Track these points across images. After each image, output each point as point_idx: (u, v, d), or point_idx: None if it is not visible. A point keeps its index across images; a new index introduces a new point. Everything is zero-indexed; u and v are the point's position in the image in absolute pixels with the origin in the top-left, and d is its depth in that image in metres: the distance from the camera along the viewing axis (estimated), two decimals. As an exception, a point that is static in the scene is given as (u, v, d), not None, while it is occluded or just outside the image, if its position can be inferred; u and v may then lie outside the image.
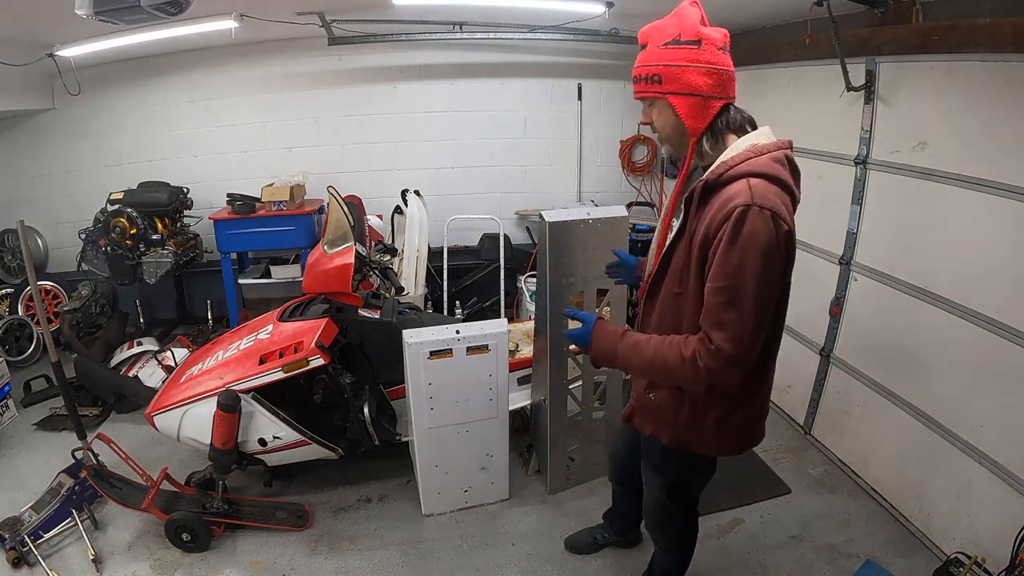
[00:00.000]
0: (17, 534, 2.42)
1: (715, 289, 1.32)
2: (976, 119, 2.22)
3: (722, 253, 1.31)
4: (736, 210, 1.29)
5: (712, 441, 1.59)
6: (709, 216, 1.35)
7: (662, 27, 1.40)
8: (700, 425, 1.56)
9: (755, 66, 3.41)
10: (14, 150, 4.35)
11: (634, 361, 1.47)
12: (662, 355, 1.41)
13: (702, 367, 1.34)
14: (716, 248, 1.32)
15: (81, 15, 2.16)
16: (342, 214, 2.72)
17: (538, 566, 2.43)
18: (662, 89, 1.39)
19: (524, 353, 2.94)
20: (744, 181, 1.33)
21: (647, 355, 1.44)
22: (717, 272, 1.32)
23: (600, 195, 4.83)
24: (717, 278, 1.32)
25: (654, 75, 1.39)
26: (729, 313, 1.31)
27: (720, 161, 1.39)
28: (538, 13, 3.82)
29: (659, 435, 1.65)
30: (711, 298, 1.33)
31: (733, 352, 1.31)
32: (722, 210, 1.31)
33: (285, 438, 2.55)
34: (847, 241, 2.86)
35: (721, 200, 1.33)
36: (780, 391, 3.45)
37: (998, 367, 2.16)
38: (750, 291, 1.29)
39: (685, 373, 1.38)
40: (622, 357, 1.49)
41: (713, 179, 1.37)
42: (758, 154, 1.37)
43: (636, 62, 1.44)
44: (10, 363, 3.76)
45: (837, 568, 2.38)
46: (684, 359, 1.36)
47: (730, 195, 1.32)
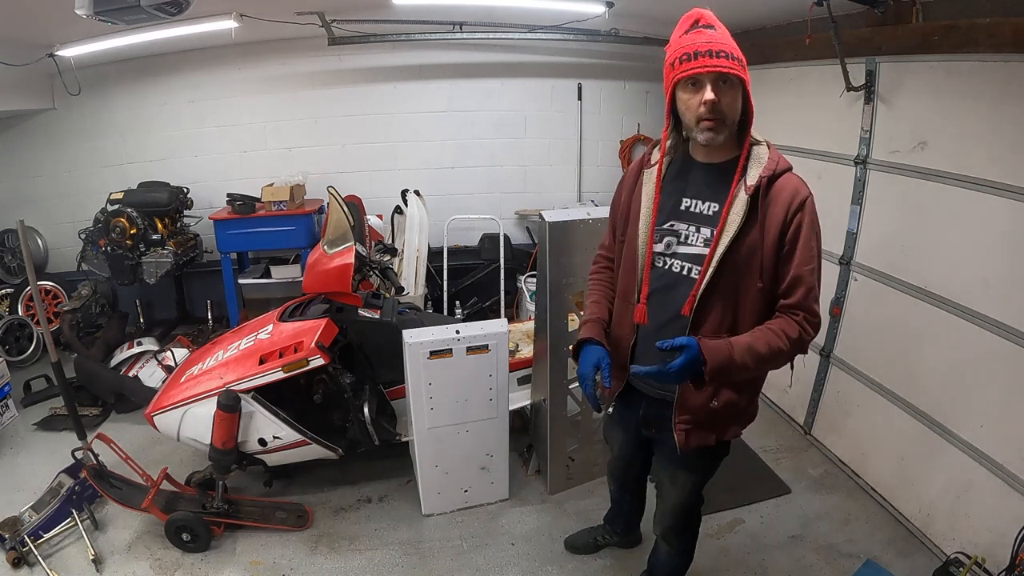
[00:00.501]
0: (17, 534, 2.42)
1: (811, 270, 1.46)
2: (976, 119, 2.23)
3: (806, 237, 1.44)
4: (807, 199, 1.46)
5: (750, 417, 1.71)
6: (779, 206, 1.44)
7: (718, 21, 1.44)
8: (751, 405, 1.69)
9: (755, 66, 3.36)
10: (14, 150, 4.35)
11: (750, 363, 1.43)
12: (776, 346, 1.45)
13: (808, 340, 1.48)
14: (796, 235, 1.44)
15: (81, 15, 2.16)
16: (342, 214, 2.72)
17: (538, 566, 2.43)
18: (747, 75, 1.42)
19: (524, 353, 2.94)
20: (793, 175, 1.49)
21: (763, 352, 1.44)
22: (806, 255, 1.45)
23: (600, 195, 4.83)
24: (807, 261, 1.45)
25: (741, 58, 1.41)
26: (816, 287, 1.48)
27: (767, 157, 1.48)
28: (538, 13, 3.83)
29: (725, 435, 1.65)
30: (810, 278, 1.46)
31: (817, 321, 1.49)
32: (793, 201, 1.44)
33: (285, 438, 2.55)
34: (847, 241, 2.86)
35: (787, 192, 1.45)
36: (780, 391, 3.45)
37: (998, 367, 2.16)
38: (820, 265, 1.50)
39: (793, 353, 1.48)
40: (740, 364, 1.42)
41: (770, 174, 1.45)
42: (776, 150, 1.51)
43: (707, 37, 1.38)
44: (10, 363, 3.75)
45: (837, 568, 2.38)
46: (792, 340, 1.45)
47: (795, 186, 1.46)
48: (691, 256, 1.52)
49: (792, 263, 1.45)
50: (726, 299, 1.49)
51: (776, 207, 1.44)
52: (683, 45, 1.39)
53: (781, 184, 1.46)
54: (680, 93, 1.44)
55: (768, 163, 1.46)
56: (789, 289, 1.46)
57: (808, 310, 1.47)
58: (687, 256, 1.53)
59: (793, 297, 1.46)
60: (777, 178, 1.46)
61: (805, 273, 1.45)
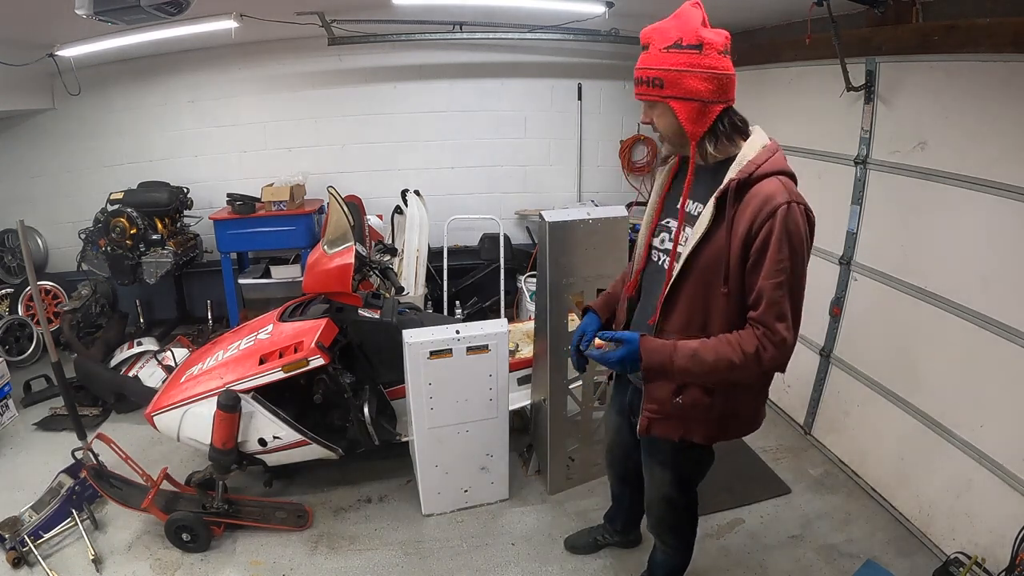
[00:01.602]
0: (17, 534, 2.42)
1: (774, 284, 1.38)
2: (976, 119, 2.22)
3: (775, 249, 1.36)
4: (780, 208, 1.35)
5: (746, 425, 1.67)
6: (749, 213, 1.38)
7: (664, 29, 1.41)
8: (736, 413, 1.62)
9: (755, 66, 3.41)
10: (14, 150, 4.35)
11: (693, 369, 1.46)
12: (725, 357, 1.42)
13: (767, 358, 1.40)
14: (764, 245, 1.37)
15: (81, 15, 2.16)
16: (342, 214, 2.72)
17: (538, 566, 2.43)
18: (663, 93, 1.41)
19: (524, 353, 2.94)
20: (775, 179, 1.39)
21: (708, 360, 1.44)
22: (772, 268, 1.37)
23: (600, 195, 4.84)
24: (773, 274, 1.37)
25: (655, 79, 1.41)
26: (787, 304, 1.39)
27: (746, 160, 1.42)
28: (538, 13, 3.82)
29: (691, 435, 1.64)
30: (772, 292, 1.38)
31: (793, 340, 1.41)
32: (764, 208, 1.36)
33: (285, 438, 2.55)
34: (847, 241, 2.86)
35: (760, 198, 1.38)
36: (780, 391, 3.45)
37: (998, 367, 2.16)
38: (799, 281, 1.40)
39: (748, 368, 1.42)
40: (680, 368, 1.47)
41: (744, 177, 1.40)
42: (772, 152, 1.42)
43: (638, 63, 1.45)
44: (10, 363, 3.75)
45: (837, 568, 2.38)
46: (746, 355, 1.40)
47: (769, 193, 1.37)
48: (671, 253, 1.59)
49: (758, 275, 1.39)
50: (695, 299, 1.51)
51: (745, 213, 1.39)
52: None
53: (756, 190, 1.39)
54: None
55: (746, 166, 1.40)
56: (755, 302, 1.41)
57: (768, 326, 1.39)
58: (669, 252, 1.61)
59: (756, 311, 1.41)
60: (754, 183, 1.39)
61: (768, 287, 1.38)
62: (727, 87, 1.41)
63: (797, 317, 1.41)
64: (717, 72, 1.38)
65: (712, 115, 1.42)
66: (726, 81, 1.40)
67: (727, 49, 1.40)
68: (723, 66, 1.39)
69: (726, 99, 1.42)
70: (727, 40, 1.41)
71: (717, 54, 1.38)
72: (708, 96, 1.39)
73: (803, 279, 1.41)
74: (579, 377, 2.68)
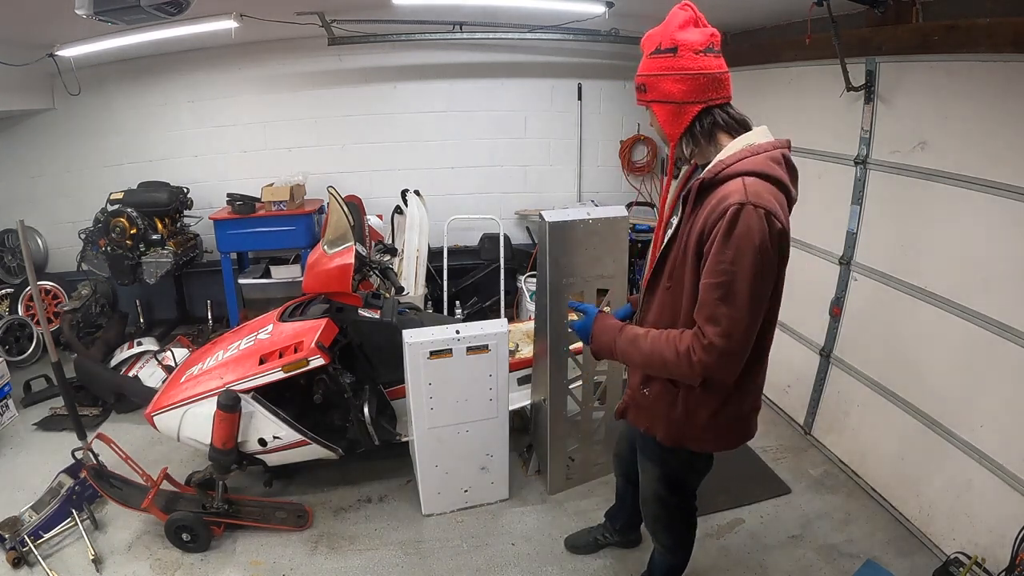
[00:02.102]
0: (17, 534, 2.42)
1: (709, 285, 1.34)
2: (976, 119, 2.22)
3: (716, 250, 1.32)
4: (730, 208, 1.30)
5: (705, 437, 1.61)
6: (704, 213, 1.37)
7: (651, 35, 1.45)
8: (692, 421, 1.57)
9: (755, 66, 3.41)
10: (14, 150, 4.35)
11: (632, 354, 1.52)
12: (659, 349, 1.45)
13: (696, 361, 1.37)
14: (711, 245, 1.34)
15: (81, 15, 2.16)
16: (342, 214, 2.72)
17: (538, 566, 2.43)
18: (647, 98, 1.47)
19: (524, 353, 2.94)
20: (739, 180, 1.33)
21: (644, 349, 1.48)
22: (711, 268, 1.34)
23: (600, 195, 4.84)
24: (712, 274, 1.34)
25: (641, 84, 1.47)
26: (722, 308, 1.33)
27: (716, 160, 1.40)
28: (538, 13, 3.83)
29: (653, 431, 1.66)
30: (705, 294, 1.36)
31: (725, 346, 1.34)
32: (717, 208, 1.33)
33: (285, 438, 2.55)
34: (847, 241, 2.86)
35: (717, 198, 1.35)
36: (780, 391, 3.45)
37: (998, 367, 2.16)
38: (743, 288, 1.31)
39: (681, 367, 1.41)
40: (620, 350, 1.55)
41: (709, 178, 1.38)
42: (754, 153, 1.37)
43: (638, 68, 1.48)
44: (10, 363, 3.76)
45: (837, 568, 2.38)
46: (679, 353, 1.39)
47: (725, 193, 1.33)
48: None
49: (703, 275, 1.36)
50: (664, 298, 1.55)
51: (702, 213, 1.38)
52: None
53: (718, 190, 1.36)
54: None
55: (713, 166, 1.39)
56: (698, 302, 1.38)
57: (699, 326, 1.36)
58: None
59: (696, 310, 1.38)
60: (719, 184, 1.36)
61: (703, 288, 1.35)
62: (706, 87, 1.38)
63: (738, 324, 1.32)
64: (691, 72, 1.37)
65: (688, 116, 1.41)
66: (703, 80, 1.37)
67: (711, 47, 1.37)
68: (699, 66, 1.36)
69: (705, 99, 1.39)
70: (711, 38, 1.38)
71: (693, 54, 1.36)
72: (681, 97, 1.39)
73: (750, 285, 1.31)
74: (579, 377, 2.68)
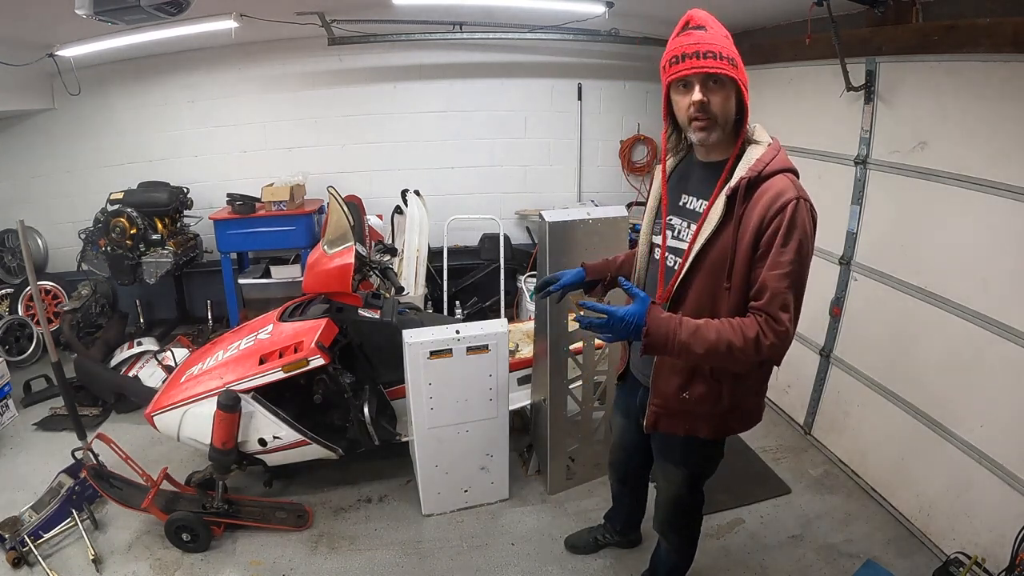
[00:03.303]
0: (17, 534, 2.42)
1: (780, 276, 1.40)
2: (976, 119, 2.23)
3: (780, 243, 1.39)
4: (789, 204, 1.38)
5: (749, 418, 1.69)
6: (759, 209, 1.41)
7: (717, 20, 1.44)
8: (740, 407, 1.64)
9: (755, 66, 3.41)
10: (14, 150, 4.34)
11: (695, 346, 1.42)
12: (725, 338, 1.41)
13: (767, 346, 1.40)
14: (772, 238, 1.40)
15: (81, 15, 2.16)
16: (342, 214, 2.72)
17: (538, 566, 2.43)
18: (738, 73, 1.41)
19: (524, 353, 2.94)
20: (784, 177, 1.43)
21: (710, 339, 1.42)
22: (778, 260, 1.40)
23: (600, 195, 4.83)
24: (780, 266, 1.40)
25: (732, 57, 1.40)
26: (790, 296, 1.40)
27: (754, 159, 1.45)
28: (538, 13, 3.83)
29: (696, 431, 1.66)
30: (776, 284, 1.40)
31: (794, 331, 1.42)
32: (774, 203, 1.39)
33: (285, 438, 2.55)
34: (847, 241, 2.86)
35: (770, 194, 1.41)
36: (780, 391, 3.45)
37: (998, 367, 2.17)
38: (804, 276, 1.43)
39: (747, 353, 1.42)
40: (681, 342, 1.42)
41: (754, 175, 1.42)
42: (777, 151, 1.46)
43: (695, 38, 1.39)
44: (10, 363, 3.75)
45: (837, 568, 2.38)
46: (748, 339, 1.40)
47: (779, 189, 1.40)
48: (679, 250, 1.60)
49: (763, 267, 1.42)
50: (702, 296, 1.53)
51: (755, 210, 1.41)
52: (673, 48, 1.43)
53: (766, 186, 1.42)
54: (673, 95, 1.49)
55: (755, 164, 1.43)
56: (758, 293, 1.43)
57: (771, 313, 1.41)
58: (676, 250, 1.61)
59: (759, 301, 1.42)
60: (764, 180, 1.42)
61: (771, 279, 1.40)
62: None
63: (798, 311, 1.43)
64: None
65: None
66: None
67: None
68: None
69: None
70: None
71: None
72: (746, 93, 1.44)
73: (806, 275, 1.43)
74: (579, 377, 2.68)
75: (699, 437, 1.67)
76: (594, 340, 2.63)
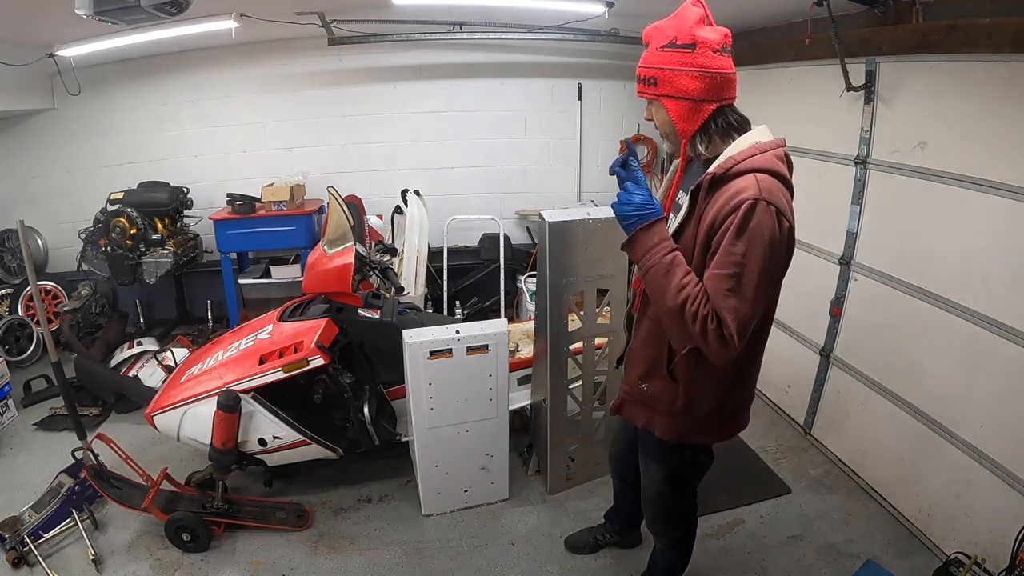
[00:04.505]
0: (17, 534, 2.42)
1: (719, 276, 1.35)
2: (976, 119, 2.22)
3: (728, 243, 1.34)
4: (744, 203, 1.32)
5: (706, 428, 1.65)
6: (716, 207, 1.38)
7: (662, 28, 1.42)
8: (693, 413, 1.59)
9: (755, 66, 3.41)
10: (14, 150, 4.35)
11: (659, 273, 1.40)
12: (688, 291, 1.36)
13: (712, 331, 1.33)
14: (721, 237, 1.35)
15: (81, 15, 2.16)
16: (342, 214, 2.72)
17: (538, 566, 2.43)
18: (657, 91, 1.43)
19: (524, 353, 2.94)
20: (752, 176, 1.36)
21: (677, 277, 1.37)
22: (722, 260, 1.35)
23: (600, 195, 4.83)
24: (722, 266, 1.34)
25: (650, 77, 1.43)
26: (730, 300, 1.33)
27: (727, 156, 1.41)
28: (538, 13, 3.82)
29: (651, 426, 1.67)
30: (715, 283, 1.35)
31: (739, 341, 1.34)
32: (730, 202, 1.34)
33: (285, 438, 2.55)
34: (847, 241, 2.86)
35: (729, 192, 1.36)
36: (780, 391, 3.45)
37: (998, 366, 2.16)
38: (751, 281, 1.33)
39: (690, 323, 1.35)
40: (655, 260, 1.41)
41: (720, 172, 1.39)
42: (762, 151, 1.40)
43: (639, 61, 1.46)
44: (10, 363, 3.75)
45: (837, 568, 2.38)
46: (700, 316, 1.34)
47: (739, 188, 1.35)
48: None
49: (712, 266, 1.37)
50: None
51: (714, 207, 1.38)
52: None
53: (729, 185, 1.37)
54: None
55: (725, 161, 1.40)
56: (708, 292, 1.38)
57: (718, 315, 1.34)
58: None
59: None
60: (731, 178, 1.38)
61: (712, 278, 1.35)
62: (721, 86, 1.40)
63: (742, 316, 1.33)
64: (710, 71, 1.38)
65: (704, 114, 1.42)
66: (720, 80, 1.39)
67: (725, 47, 1.39)
68: (717, 64, 1.38)
69: (720, 98, 1.41)
70: (725, 38, 1.40)
71: (712, 52, 1.37)
72: (699, 95, 1.40)
73: (757, 278, 1.33)
74: (579, 377, 2.68)
75: (655, 433, 1.67)
76: (594, 340, 2.63)
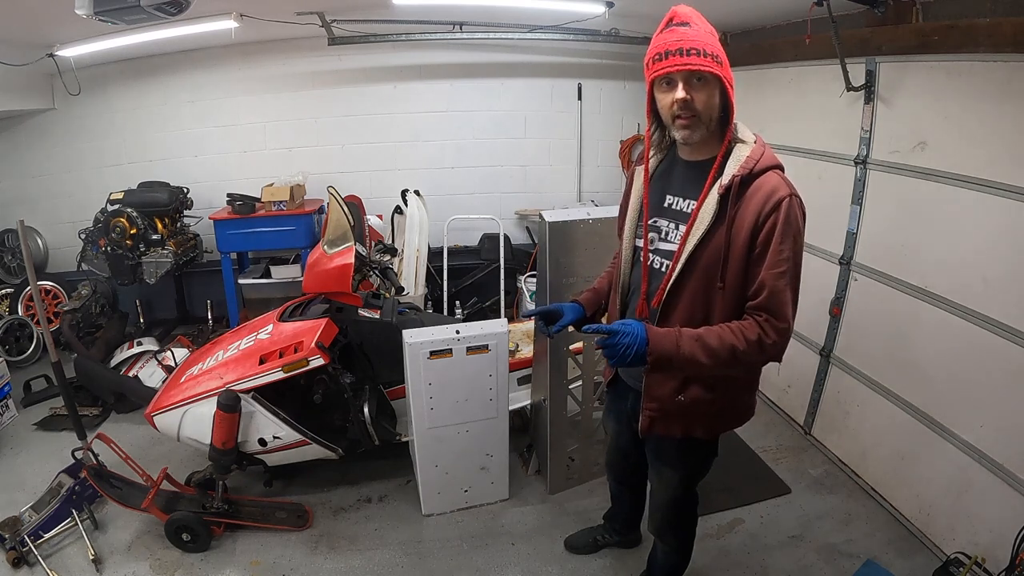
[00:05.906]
0: (17, 534, 2.42)
1: (777, 274, 1.40)
2: (976, 119, 2.22)
3: (777, 241, 1.39)
4: (784, 201, 1.39)
5: (740, 416, 1.71)
6: (752, 207, 1.40)
7: (701, 17, 1.42)
8: (734, 406, 1.66)
9: (755, 66, 3.41)
10: (14, 150, 4.35)
11: (699, 354, 1.41)
12: (728, 342, 1.40)
13: (770, 345, 1.41)
14: (767, 237, 1.39)
15: (81, 15, 2.16)
16: (342, 214, 2.72)
17: (538, 566, 2.43)
18: (723, 71, 1.39)
19: (524, 353, 2.94)
20: (774, 173, 1.43)
21: (713, 346, 1.41)
22: (776, 259, 1.40)
23: (600, 195, 4.83)
24: (777, 264, 1.40)
25: (716, 54, 1.37)
26: (789, 294, 1.41)
27: (745, 156, 1.44)
28: (538, 13, 3.82)
29: (692, 431, 1.64)
30: (775, 282, 1.40)
31: (792, 327, 1.43)
32: (768, 201, 1.39)
33: (285, 438, 2.55)
34: (847, 241, 2.86)
35: (762, 192, 1.40)
36: (780, 391, 3.45)
37: (998, 367, 2.16)
38: (798, 270, 1.44)
39: (751, 356, 1.42)
40: (685, 354, 1.41)
41: (746, 174, 1.42)
42: (764, 148, 1.46)
43: (679, 35, 1.38)
44: (10, 363, 3.76)
45: (837, 568, 2.38)
46: (750, 341, 1.40)
47: (773, 186, 1.40)
48: (667, 252, 1.56)
49: (761, 266, 1.41)
50: (696, 297, 1.50)
51: (748, 208, 1.40)
52: (657, 44, 1.41)
53: (758, 184, 1.41)
54: (656, 92, 1.47)
55: (745, 162, 1.42)
56: (756, 292, 1.42)
57: (772, 312, 1.40)
58: (664, 252, 1.58)
59: (757, 299, 1.42)
60: (755, 178, 1.41)
61: (770, 277, 1.40)
62: None
63: (796, 307, 1.44)
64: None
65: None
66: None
67: None
68: None
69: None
70: None
71: None
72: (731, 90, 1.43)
73: (800, 269, 1.44)
74: (579, 377, 2.68)
75: (695, 438, 1.66)
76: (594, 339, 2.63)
